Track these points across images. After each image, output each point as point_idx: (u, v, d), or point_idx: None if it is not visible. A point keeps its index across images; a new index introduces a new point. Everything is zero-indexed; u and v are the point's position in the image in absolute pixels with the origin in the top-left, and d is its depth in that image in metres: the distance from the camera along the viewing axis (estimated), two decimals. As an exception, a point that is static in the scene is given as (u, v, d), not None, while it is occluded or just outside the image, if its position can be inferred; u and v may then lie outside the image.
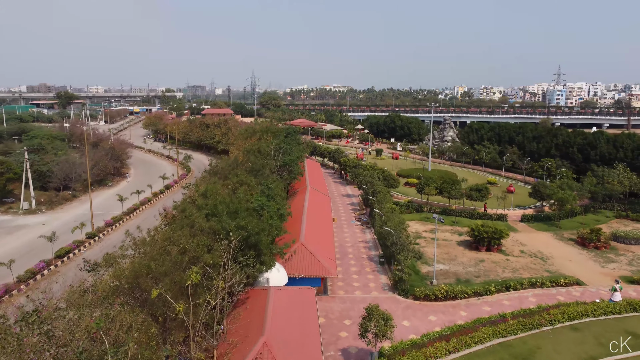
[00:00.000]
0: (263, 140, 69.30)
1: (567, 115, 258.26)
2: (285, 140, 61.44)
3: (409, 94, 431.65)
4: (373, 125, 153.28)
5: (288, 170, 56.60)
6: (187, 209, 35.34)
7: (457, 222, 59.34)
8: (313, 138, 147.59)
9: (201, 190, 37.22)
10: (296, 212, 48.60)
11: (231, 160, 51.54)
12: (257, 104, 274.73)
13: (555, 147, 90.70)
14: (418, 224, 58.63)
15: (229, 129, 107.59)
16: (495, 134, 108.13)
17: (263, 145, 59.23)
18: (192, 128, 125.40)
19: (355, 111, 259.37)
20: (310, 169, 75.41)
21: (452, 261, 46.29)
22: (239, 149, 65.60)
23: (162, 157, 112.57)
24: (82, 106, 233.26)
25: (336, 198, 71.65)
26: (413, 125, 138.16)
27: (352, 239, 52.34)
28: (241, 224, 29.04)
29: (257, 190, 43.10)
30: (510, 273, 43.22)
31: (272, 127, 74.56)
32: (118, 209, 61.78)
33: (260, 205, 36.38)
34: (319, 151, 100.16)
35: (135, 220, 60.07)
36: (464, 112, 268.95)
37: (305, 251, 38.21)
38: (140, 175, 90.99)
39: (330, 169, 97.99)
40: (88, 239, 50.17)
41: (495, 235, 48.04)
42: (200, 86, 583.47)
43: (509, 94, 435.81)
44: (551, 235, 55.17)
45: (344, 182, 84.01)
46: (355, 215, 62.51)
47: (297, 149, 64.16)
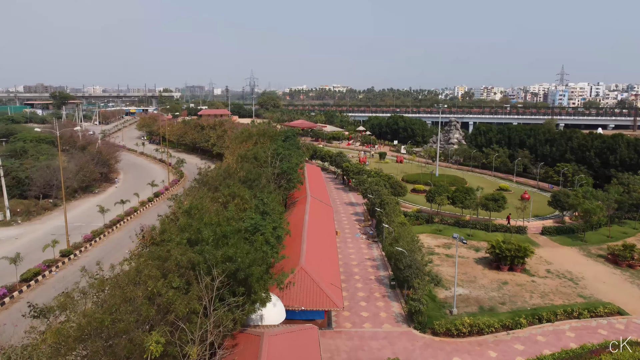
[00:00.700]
0: (259, 145, 64.01)
1: (572, 116, 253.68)
2: (284, 145, 56.21)
3: (409, 94, 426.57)
4: (375, 127, 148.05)
5: (287, 179, 51.32)
6: (168, 229, 30.07)
7: (473, 235, 54.06)
8: (313, 140, 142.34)
9: (185, 207, 31.92)
10: (296, 226, 43.33)
11: (223, 168, 46.24)
12: (255, 105, 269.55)
13: (570, 151, 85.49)
14: (429, 238, 53.34)
15: (224, 131, 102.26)
16: (504, 136, 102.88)
17: (259, 151, 53.94)
18: (186, 130, 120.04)
19: (355, 112, 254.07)
20: (311, 175, 70.17)
21: (471, 283, 41.02)
22: (233, 154, 60.31)
23: (155, 160, 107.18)
24: (76, 107, 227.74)
25: (339, 207, 66.37)
26: (417, 126, 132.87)
27: (358, 256, 47.04)
28: (229, 253, 23.76)
29: (251, 204, 37.83)
30: (539, 298, 37.94)
31: (270, 130, 69.19)
32: (101, 219, 56.42)
33: (254, 225, 31.09)
34: (319, 155, 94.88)
35: (117, 234, 54.66)
36: (467, 113, 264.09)
37: (306, 277, 32.91)
38: (130, 181, 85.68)
39: (331, 173, 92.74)
40: (62, 257, 44.80)
41: (519, 253, 42.78)
42: (199, 86, 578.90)
43: (510, 94, 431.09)
44: (577, 251, 49.89)
45: (347, 189, 78.73)
46: (360, 227, 57.23)
47: (296, 154, 58.87)
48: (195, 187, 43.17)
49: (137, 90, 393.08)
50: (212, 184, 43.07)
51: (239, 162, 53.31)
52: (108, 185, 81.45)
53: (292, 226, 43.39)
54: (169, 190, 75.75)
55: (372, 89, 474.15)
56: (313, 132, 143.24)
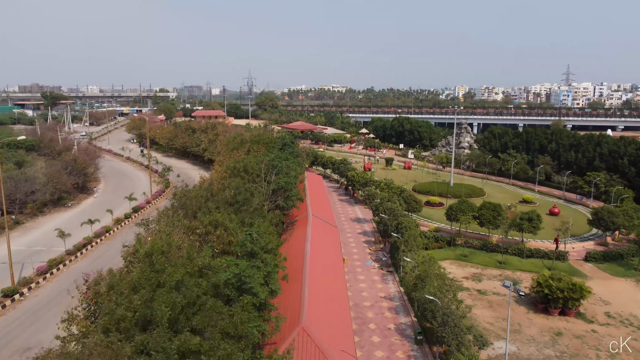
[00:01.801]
0: (253, 153, 55.43)
1: (579, 117, 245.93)
2: (281, 155, 47.73)
3: (409, 95, 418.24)
4: (378, 129, 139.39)
5: (284, 196, 42.83)
6: (117, 285, 21.56)
7: (505, 263, 45.62)
8: (312, 143, 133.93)
9: (143, 252, 23.39)
10: (295, 261, 34.87)
11: (204, 187, 37.65)
12: (253, 105, 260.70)
13: (599, 158, 77.03)
14: (454, 266, 44.88)
15: (216, 134, 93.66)
16: (522, 140, 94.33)
17: (252, 162, 45.36)
18: (177, 133, 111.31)
19: (356, 112, 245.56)
20: (312, 187, 61.65)
21: (516, 334, 32.57)
22: (221, 165, 51.75)
23: (141, 167, 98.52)
24: (66, 107, 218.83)
25: (344, 224, 57.81)
26: (424, 129, 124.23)
27: (372, 293, 38.50)
28: (190, 345, 15.26)
29: (237, 238, 29.36)
30: (608, 359, 29.50)
31: (265, 136, 60.55)
32: (71, 239, 47.29)
33: (237, 276, 22.59)
34: (320, 161, 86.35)
35: (82, 262, 45.82)
36: (470, 114, 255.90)
37: (308, 343, 24.41)
38: (111, 191, 77.08)
39: (334, 181, 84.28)
40: (4, 298, 36.11)
41: (574, 294, 34.36)
42: (197, 86, 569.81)
43: (512, 95, 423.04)
44: (635, 285, 41.45)
45: (352, 201, 70.18)
46: (371, 251, 48.72)
47: (295, 164, 50.33)
48: (168, 214, 34.57)
49: (131, 91, 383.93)
50: (191, 207, 34.53)
51: (227, 176, 44.78)
52: (85, 197, 72.74)
53: (291, 260, 34.92)
54: (151, 203, 67.07)
55: (371, 89, 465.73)
56: (313, 135, 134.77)
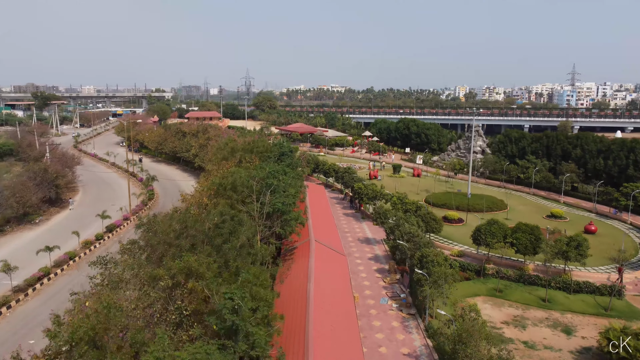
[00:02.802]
0: (245, 164, 47.23)
1: (587, 118, 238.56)
2: (278, 169, 39.57)
3: (410, 95, 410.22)
4: (382, 131, 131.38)
5: (281, 220, 34.75)
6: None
7: (551, 301, 37.61)
8: (313, 146, 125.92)
9: (80, 334, 15.29)
10: (295, 311, 26.88)
11: (177, 218, 29.32)
12: (250, 105, 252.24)
13: (634, 166, 69.12)
14: (489, 305, 36.90)
15: (208, 139, 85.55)
16: (541, 145, 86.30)
17: (242, 178, 37.17)
18: (167, 136, 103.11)
19: (356, 113, 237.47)
20: (314, 203, 53.56)
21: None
22: (207, 179, 43.58)
23: (127, 174, 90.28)
24: (55, 108, 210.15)
25: (351, 246, 49.69)
26: (431, 132, 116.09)
27: (392, 349, 30.32)
28: None
29: (214, 293, 21.32)
30: None
31: (260, 144, 52.24)
32: (24, 270, 39.20)
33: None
34: (322, 168, 78.26)
35: (31, 303, 37.53)
36: (474, 114, 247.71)
37: None
38: (89, 203, 68.95)
39: (337, 191, 76.26)
40: None
41: (659, 357, 26.39)
42: (195, 86, 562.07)
43: (514, 95, 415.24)
44: None
45: (358, 215, 62.11)
46: (386, 283, 40.63)
47: (294, 178, 42.17)
48: (129, 254, 26.38)
49: (129, 91, 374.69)
50: (158, 245, 26.38)
51: (212, 194, 36.68)
52: (57, 211, 64.47)
53: (290, 308, 26.97)
54: (129, 221, 58.84)
55: (371, 89, 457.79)
56: (313, 138, 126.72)
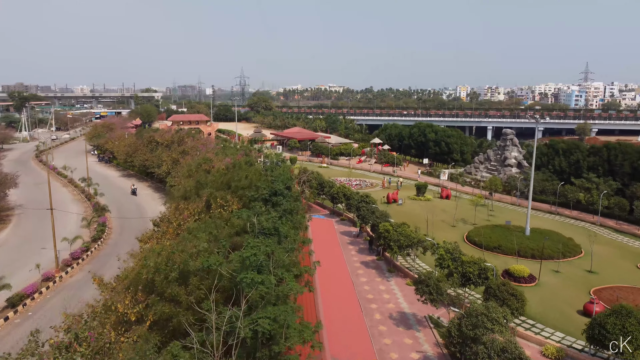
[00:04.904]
0: (215, 209, 29.65)
1: (606, 120, 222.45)
2: (267, 243, 21.48)
3: (410, 95, 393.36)
4: (393, 138, 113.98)
5: (269, 353, 17.26)
6: None
7: None
8: (313, 155, 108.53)
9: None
10: None
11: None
12: (245, 106, 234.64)
13: None
14: None
15: (184, 152, 67.99)
16: (602, 160, 68.94)
17: (200, 259, 19.61)
18: (138, 146, 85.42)
19: (357, 115, 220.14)
20: (321, 253, 36.20)
21: None
22: (125, 276, 25.32)
23: (82, 194, 72.61)
24: (29, 109, 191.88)
25: (379, 326, 32.13)
26: (453, 140, 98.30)
27: None
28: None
29: None
30: None
31: (241, 174, 33.94)
32: None
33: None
34: (328, 192, 60.88)
35: None
36: (483, 116, 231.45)
37: None
38: (18, 243, 51.59)
39: (347, 221, 58.93)
40: None
41: None
42: (190, 86, 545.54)
43: (518, 95, 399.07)
44: None
45: (381, 265, 44.48)
46: None
47: (293, 241, 24.52)
48: None
49: (116, 90, 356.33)
50: None
51: (136, 300, 19.12)
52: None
53: None
54: (53, 281, 40.96)
55: (370, 89, 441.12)
56: (314, 146, 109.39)
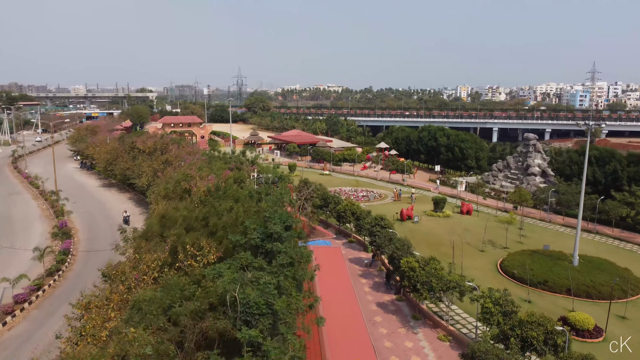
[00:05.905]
0: (186, 263, 21.11)
1: (615, 122, 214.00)
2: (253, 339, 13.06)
3: (410, 94, 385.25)
4: (400, 142, 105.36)
5: None
6: None
7: None
8: (313, 161, 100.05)
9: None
10: None
11: None
12: (242, 107, 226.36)
13: None
14: None
15: (166, 162, 59.33)
16: (643, 169, 60.68)
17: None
18: (119, 153, 76.66)
19: (358, 115, 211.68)
20: (327, 294, 27.68)
21: None
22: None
23: (52, 209, 63.82)
24: (16, 110, 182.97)
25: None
26: (468, 145, 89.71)
27: None
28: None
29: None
30: None
31: (227, 203, 25.16)
32: None
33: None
34: (334, 209, 52.21)
35: None
36: (488, 117, 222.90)
37: None
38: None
39: (355, 243, 50.34)
40: None
41: None
42: (187, 85, 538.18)
43: (519, 95, 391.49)
44: None
45: (402, 307, 36.01)
46: None
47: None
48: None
49: (109, 90, 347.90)
50: None
51: None
52: None
53: None
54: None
55: (370, 89, 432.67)
56: (315, 151, 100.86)
